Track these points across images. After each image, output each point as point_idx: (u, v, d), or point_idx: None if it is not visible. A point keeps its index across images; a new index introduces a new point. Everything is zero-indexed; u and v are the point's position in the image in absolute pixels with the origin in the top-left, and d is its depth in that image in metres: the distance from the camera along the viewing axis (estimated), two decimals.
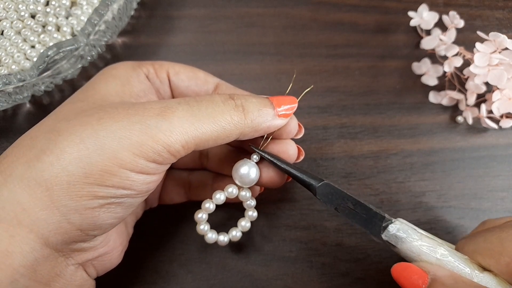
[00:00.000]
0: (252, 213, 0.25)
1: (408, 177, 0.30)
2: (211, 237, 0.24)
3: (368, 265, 0.27)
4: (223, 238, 0.25)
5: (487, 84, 0.29)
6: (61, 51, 0.27)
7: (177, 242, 0.28)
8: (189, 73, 0.24)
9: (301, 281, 0.27)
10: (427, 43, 0.33)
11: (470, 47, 0.29)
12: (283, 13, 0.35)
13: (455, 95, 0.31)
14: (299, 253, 0.28)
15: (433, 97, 0.32)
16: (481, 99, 0.31)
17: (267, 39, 0.34)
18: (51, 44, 0.29)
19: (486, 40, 0.28)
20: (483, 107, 0.30)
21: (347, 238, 0.28)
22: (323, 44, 0.34)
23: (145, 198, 0.21)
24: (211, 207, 0.24)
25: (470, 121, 0.31)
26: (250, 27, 0.34)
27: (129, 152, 0.18)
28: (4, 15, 0.30)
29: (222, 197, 0.24)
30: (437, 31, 0.34)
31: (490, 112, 0.30)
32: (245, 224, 0.25)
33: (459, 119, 0.31)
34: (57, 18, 0.30)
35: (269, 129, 0.22)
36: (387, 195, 0.29)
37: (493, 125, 0.30)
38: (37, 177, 0.18)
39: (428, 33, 0.34)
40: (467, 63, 0.30)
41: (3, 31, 0.30)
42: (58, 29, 0.30)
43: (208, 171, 0.28)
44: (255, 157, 0.24)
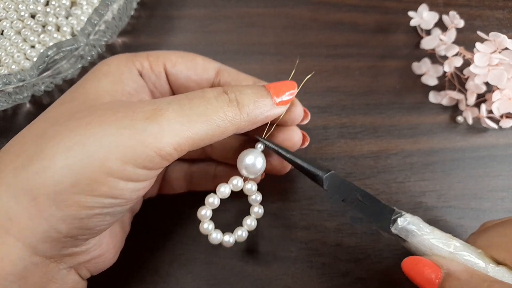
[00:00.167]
0: (258, 210, 0.23)
1: (408, 177, 0.30)
2: (216, 238, 0.23)
3: (368, 265, 0.27)
4: (229, 238, 0.23)
5: (487, 84, 0.29)
6: (61, 51, 0.27)
7: (177, 242, 0.28)
8: (187, 62, 0.24)
9: (301, 281, 0.27)
10: (427, 43, 0.33)
11: (470, 47, 0.29)
12: (283, 13, 0.35)
13: (455, 95, 0.31)
14: (299, 253, 0.27)
15: (433, 97, 0.32)
16: (481, 99, 0.31)
17: (267, 39, 0.34)
18: (51, 44, 0.29)
19: (486, 40, 0.28)
20: (483, 107, 0.30)
21: (347, 238, 0.28)
22: (323, 44, 0.34)
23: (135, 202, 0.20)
24: (216, 202, 0.22)
25: (470, 121, 0.31)
26: (250, 27, 0.34)
27: (117, 159, 0.17)
28: (4, 15, 0.30)
29: (227, 190, 0.22)
30: (437, 31, 0.34)
31: (490, 112, 0.30)
32: (250, 222, 0.23)
33: (459, 119, 0.31)
34: (57, 18, 0.30)
35: (268, 119, 0.21)
36: (387, 195, 0.29)
37: (493, 125, 0.30)
38: (24, 186, 0.17)
39: (428, 33, 0.34)
40: (467, 63, 0.30)
41: (3, 31, 0.30)
42: (58, 29, 0.30)
43: (210, 161, 0.27)
44: (260, 146, 0.23)
